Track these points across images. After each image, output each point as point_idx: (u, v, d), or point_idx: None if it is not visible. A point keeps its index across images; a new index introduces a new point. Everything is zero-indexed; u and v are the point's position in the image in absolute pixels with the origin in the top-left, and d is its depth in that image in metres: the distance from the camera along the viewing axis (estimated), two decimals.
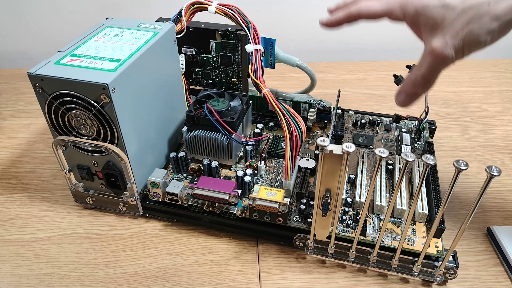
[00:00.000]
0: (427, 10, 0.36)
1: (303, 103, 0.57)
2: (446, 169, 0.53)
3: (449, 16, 0.35)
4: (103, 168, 0.45)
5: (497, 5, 0.33)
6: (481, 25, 0.34)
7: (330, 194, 0.37)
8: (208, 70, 0.63)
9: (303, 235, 0.43)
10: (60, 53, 0.43)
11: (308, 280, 0.43)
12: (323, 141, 0.33)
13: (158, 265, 0.44)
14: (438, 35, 0.36)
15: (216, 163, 0.48)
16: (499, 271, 0.43)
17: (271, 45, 0.56)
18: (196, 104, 0.52)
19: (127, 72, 0.41)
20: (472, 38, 0.34)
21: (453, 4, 0.35)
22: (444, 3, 0.35)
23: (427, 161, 0.32)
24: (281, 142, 0.55)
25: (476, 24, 0.34)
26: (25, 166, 0.58)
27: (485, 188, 0.32)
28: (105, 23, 0.50)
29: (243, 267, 0.44)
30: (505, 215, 0.50)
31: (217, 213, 0.46)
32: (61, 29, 0.86)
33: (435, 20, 0.36)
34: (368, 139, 0.56)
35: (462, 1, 0.35)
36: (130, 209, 0.48)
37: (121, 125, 0.41)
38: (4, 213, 0.50)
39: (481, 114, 0.68)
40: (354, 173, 0.50)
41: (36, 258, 0.45)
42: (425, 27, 0.37)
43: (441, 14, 0.35)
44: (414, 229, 0.44)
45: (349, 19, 0.41)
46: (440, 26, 0.36)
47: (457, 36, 0.35)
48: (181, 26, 0.53)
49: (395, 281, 0.42)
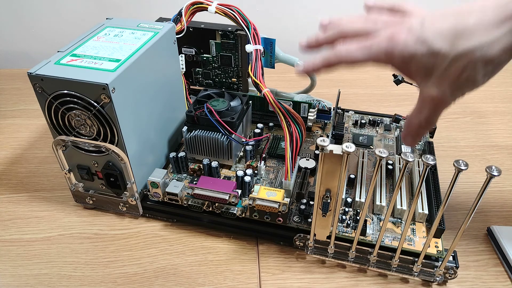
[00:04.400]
0: (415, 59, 0.34)
1: (303, 103, 0.57)
2: (446, 169, 0.52)
3: (441, 64, 0.33)
4: (103, 168, 0.45)
5: (490, 49, 0.31)
6: (477, 71, 0.32)
7: (330, 194, 0.37)
8: (208, 70, 0.63)
9: (303, 235, 0.43)
10: (60, 53, 0.43)
11: (308, 280, 0.43)
12: (323, 141, 0.33)
13: (158, 265, 0.44)
14: (434, 84, 0.34)
15: (216, 163, 0.48)
16: (499, 271, 0.43)
17: (271, 45, 0.56)
18: (196, 104, 0.52)
19: (127, 72, 0.41)
20: (469, 83, 0.33)
21: (443, 51, 0.32)
22: (433, 51, 0.33)
23: (427, 161, 0.32)
24: (281, 142, 0.55)
25: (472, 71, 0.32)
26: (25, 166, 0.58)
27: (485, 188, 0.32)
28: (105, 23, 0.50)
29: (243, 267, 0.44)
30: (505, 215, 0.50)
31: (217, 213, 0.46)
32: (61, 29, 0.86)
33: (427, 68, 0.34)
34: (368, 139, 0.56)
35: (452, 47, 0.32)
36: (130, 209, 0.48)
37: (121, 125, 0.41)
38: (4, 213, 0.50)
39: (481, 114, 0.68)
40: (354, 173, 0.50)
41: (36, 258, 0.45)
42: (416, 74, 0.35)
43: (432, 62, 0.33)
44: (414, 229, 0.44)
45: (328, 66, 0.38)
46: (433, 73, 0.34)
47: (454, 84, 0.33)
48: (181, 26, 0.53)
49: (395, 281, 0.42)
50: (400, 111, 0.60)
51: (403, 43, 0.34)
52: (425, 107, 0.35)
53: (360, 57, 0.36)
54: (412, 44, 0.34)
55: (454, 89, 0.34)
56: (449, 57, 0.32)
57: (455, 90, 0.34)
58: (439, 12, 0.34)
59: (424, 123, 0.36)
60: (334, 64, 0.38)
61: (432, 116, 0.36)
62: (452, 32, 0.32)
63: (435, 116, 0.36)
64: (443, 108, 0.35)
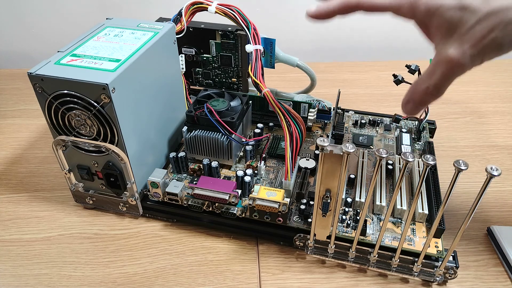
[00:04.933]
0: (442, 10, 0.31)
1: (303, 103, 0.57)
2: (446, 169, 0.52)
3: (468, 20, 0.30)
4: (103, 168, 0.45)
5: None
6: (506, 33, 0.29)
7: (330, 194, 0.37)
8: (208, 70, 0.63)
9: (303, 235, 0.43)
10: (60, 53, 0.43)
11: (308, 280, 0.43)
12: (323, 141, 0.33)
13: (158, 265, 0.44)
14: (455, 42, 0.31)
15: (216, 163, 0.48)
16: (499, 271, 0.43)
17: (271, 45, 0.56)
18: (196, 104, 0.52)
19: (127, 72, 0.41)
20: (494, 47, 0.30)
21: (474, 5, 0.30)
22: (463, 4, 0.30)
23: (427, 161, 0.32)
24: (281, 142, 0.55)
25: (501, 32, 0.30)
26: (25, 166, 0.58)
27: (485, 188, 0.32)
28: (105, 23, 0.50)
29: (243, 267, 0.44)
30: (505, 215, 0.50)
31: (217, 213, 0.46)
32: (61, 29, 0.86)
33: (451, 23, 0.31)
34: (368, 139, 0.56)
35: (484, 3, 0.30)
36: (130, 209, 0.48)
37: (121, 125, 0.41)
38: (4, 213, 0.50)
39: (481, 114, 0.68)
40: (354, 173, 0.50)
41: (36, 258, 0.45)
42: (438, 30, 0.32)
43: (458, 17, 0.31)
44: (414, 229, 0.44)
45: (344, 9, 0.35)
46: (456, 31, 0.31)
47: (478, 45, 0.30)
48: (181, 26, 0.53)
49: (395, 281, 0.42)
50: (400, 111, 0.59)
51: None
52: (439, 69, 0.32)
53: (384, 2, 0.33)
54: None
55: (476, 52, 0.31)
56: (479, 13, 0.30)
57: (477, 53, 0.31)
58: None
59: (432, 89, 0.33)
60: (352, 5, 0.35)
61: (443, 81, 0.33)
62: None
63: (447, 81, 0.33)
64: (458, 72, 0.32)
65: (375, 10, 0.34)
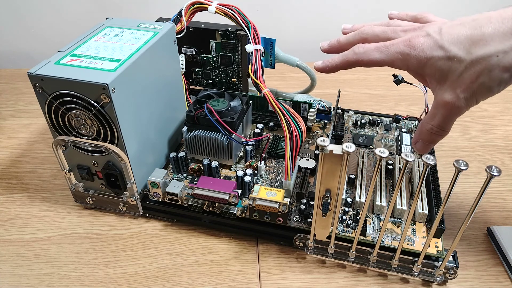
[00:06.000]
0: (432, 62, 0.35)
1: (303, 103, 0.57)
2: (446, 169, 0.53)
3: (457, 68, 0.34)
4: (103, 168, 0.45)
5: (506, 57, 0.32)
6: (492, 77, 0.33)
7: (330, 194, 0.37)
8: (208, 70, 0.63)
9: (303, 235, 0.43)
10: (60, 53, 0.43)
11: (308, 280, 0.43)
12: (323, 141, 0.33)
13: (158, 265, 0.44)
14: (448, 89, 0.34)
15: (216, 163, 0.48)
16: (499, 271, 0.43)
17: (271, 45, 0.56)
18: (196, 104, 0.52)
19: (127, 72, 0.41)
20: (484, 90, 0.33)
21: (459, 56, 0.33)
22: (449, 54, 0.34)
23: (427, 161, 0.32)
24: (281, 142, 0.55)
25: (487, 77, 0.33)
26: (25, 166, 0.58)
27: (485, 188, 0.32)
28: (105, 23, 0.50)
29: (243, 267, 0.44)
30: (505, 215, 0.50)
31: (217, 213, 0.46)
32: (61, 29, 0.86)
33: (442, 72, 0.34)
34: (368, 139, 0.56)
35: (468, 53, 0.33)
36: (130, 209, 0.48)
37: (121, 125, 0.41)
38: (4, 213, 0.50)
39: (481, 114, 0.68)
40: (354, 173, 0.50)
41: (36, 258, 0.45)
42: (432, 78, 0.36)
43: (447, 66, 0.34)
44: (414, 229, 0.44)
45: (346, 66, 0.40)
46: (448, 78, 0.34)
47: (468, 89, 0.33)
48: (181, 26, 0.53)
49: (395, 281, 0.42)
50: (400, 111, 0.60)
51: (420, 47, 0.35)
52: (439, 112, 0.36)
53: (378, 57, 0.37)
54: (429, 48, 0.34)
55: (468, 95, 0.34)
56: (465, 62, 0.33)
57: (470, 96, 0.34)
58: (458, 21, 0.35)
59: (436, 129, 0.37)
60: (352, 62, 0.39)
61: (444, 122, 0.36)
62: (469, 38, 0.33)
63: (448, 122, 0.36)
64: (456, 114, 0.36)
65: (372, 65, 0.38)
